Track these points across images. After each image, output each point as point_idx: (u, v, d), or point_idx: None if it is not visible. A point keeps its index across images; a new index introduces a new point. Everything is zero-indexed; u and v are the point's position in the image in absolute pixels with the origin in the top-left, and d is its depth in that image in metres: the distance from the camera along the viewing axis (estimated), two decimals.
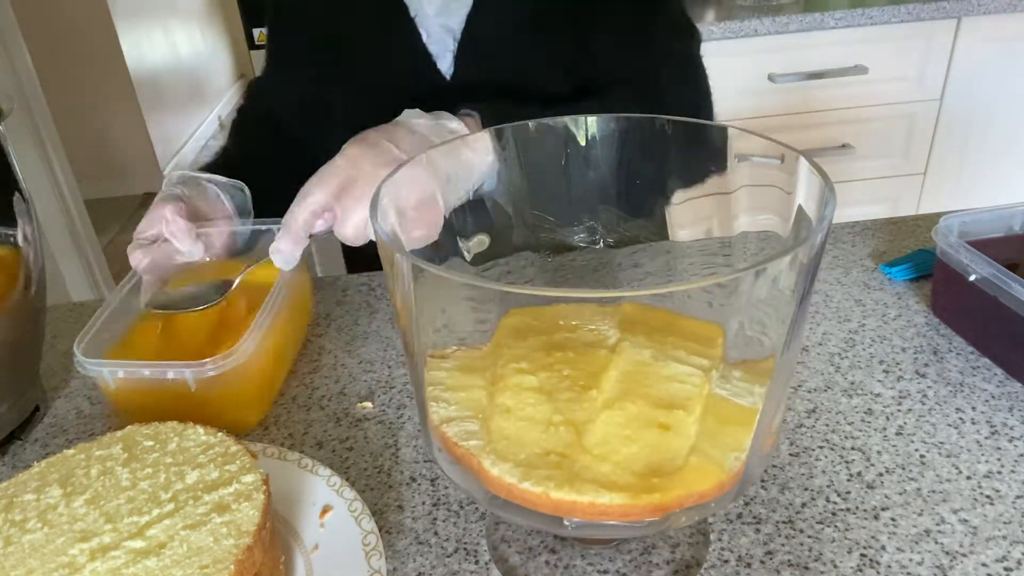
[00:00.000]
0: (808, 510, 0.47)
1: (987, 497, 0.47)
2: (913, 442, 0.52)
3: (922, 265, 0.69)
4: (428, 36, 0.75)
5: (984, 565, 0.43)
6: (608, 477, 0.35)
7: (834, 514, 0.47)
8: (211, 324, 0.61)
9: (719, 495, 0.37)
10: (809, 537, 0.45)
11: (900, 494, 0.48)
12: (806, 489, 0.49)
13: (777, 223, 0.41)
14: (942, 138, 1.73)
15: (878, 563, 0.43)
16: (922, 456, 0.50)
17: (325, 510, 0.46)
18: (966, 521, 0.46)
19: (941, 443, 0.51)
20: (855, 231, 0.78)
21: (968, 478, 0.49)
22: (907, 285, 0.69)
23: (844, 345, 0.61)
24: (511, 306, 0.43)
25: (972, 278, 0.57)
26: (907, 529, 0.45)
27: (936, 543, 0.44)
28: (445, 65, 0.76)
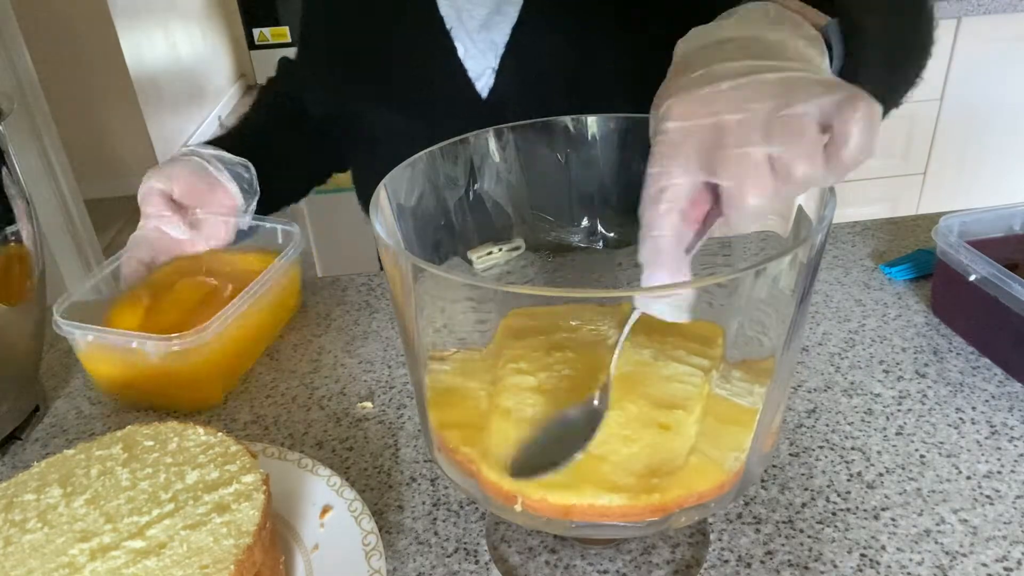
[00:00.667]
0: (808, 510, 0.47)
1: (987, 497, 0.47)
2: (913, 442, 0.52)
3: (922, 265, 0.69)
4: (465, 51, 0.72)
5: (984, 565, 0.43)
6: (608, 477, 0.35)
7: (834, 514, 0.47)
8: (195, 303, 0.62)
9: (719, 495, 0.37)
10: (809, 537, 0.45)
11: (900, 494, 0.48)
12: (806, 489, 0.49)
13: (777, 223, 0.41)
14: (942, 138, 1.73)
15: (878, 563, 0.43)
16: (922, 456, 0.50)
17: (325, 510, 0.46)
18: (966, 521, 0.46)
19: (941, 443, 0.51)
20: (855, 231, 0.78)
21: (968, 478, 0.49)
22: (907, 285, 0.69)
23: (844, 345, 0.61)
24: (511, 306, 0.43)
25: (972, 278, 0.57)
26: (907, 529, 0.45)
27: (936, 543, 0.44)
28: (482, 82, 0.72)
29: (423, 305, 0.35)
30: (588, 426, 0.37)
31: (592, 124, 0.47)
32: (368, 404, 0.59)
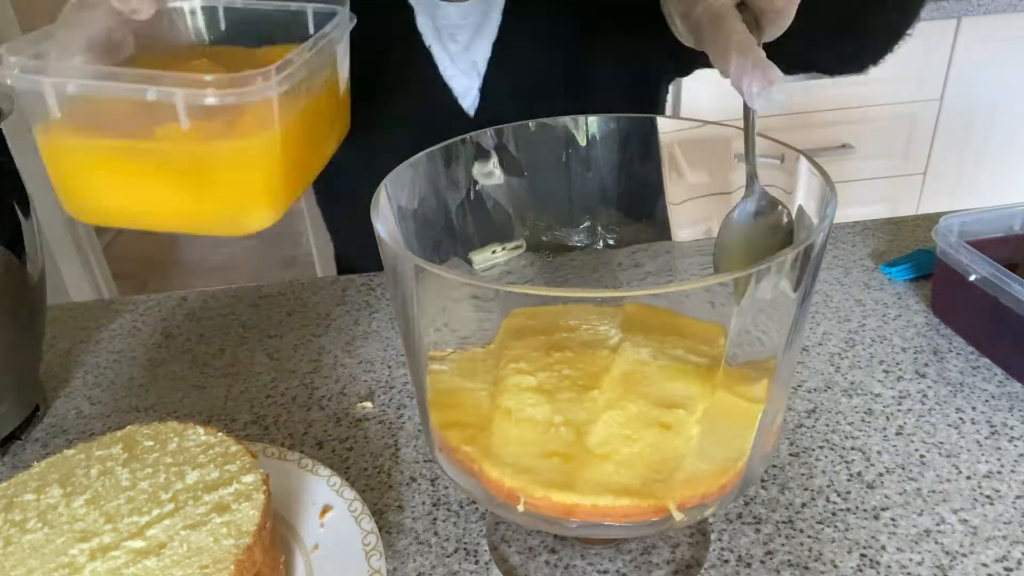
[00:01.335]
0: (808, 510, 0.47)
1: (987, 497, 0.47)
2: (913, 442, 0.52)
3: (922, 265, 0.69)
4: (448, 73, 0.73)
5: (984, 565, 0.43)
6: (610, 477, 0.35)
7: (834, 514, 0.47)
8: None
9: (719, 495, 0.37)
10: (809, 537, 0.45)
11: (900, 494, 0.48)
12: (806, 489, 0.49)
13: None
14: (942, 138, 1.73)
15: (878, 563, 0.44)
16: (922, 456, 0.50)
17: (325, 510, 0.46)
18: (966, 521, 0.46)
19: (941, 443, 0.51)
20: (855, 231, 0.78)
21: (968, 478, 0.49)
22: (907, 285, 0.69)
23: (844, 345, 0.61)
24: (511, 306, 0.43)
25: (972, 278, 0.57)
26: (907, 529, 0.45)
27: (936, 543, 0.44)
28: (468, 102, 0.74)
29: (424, 305, 0.35)
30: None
31: (592, 124, 0.47)
32: (368, 404, 0.59)
